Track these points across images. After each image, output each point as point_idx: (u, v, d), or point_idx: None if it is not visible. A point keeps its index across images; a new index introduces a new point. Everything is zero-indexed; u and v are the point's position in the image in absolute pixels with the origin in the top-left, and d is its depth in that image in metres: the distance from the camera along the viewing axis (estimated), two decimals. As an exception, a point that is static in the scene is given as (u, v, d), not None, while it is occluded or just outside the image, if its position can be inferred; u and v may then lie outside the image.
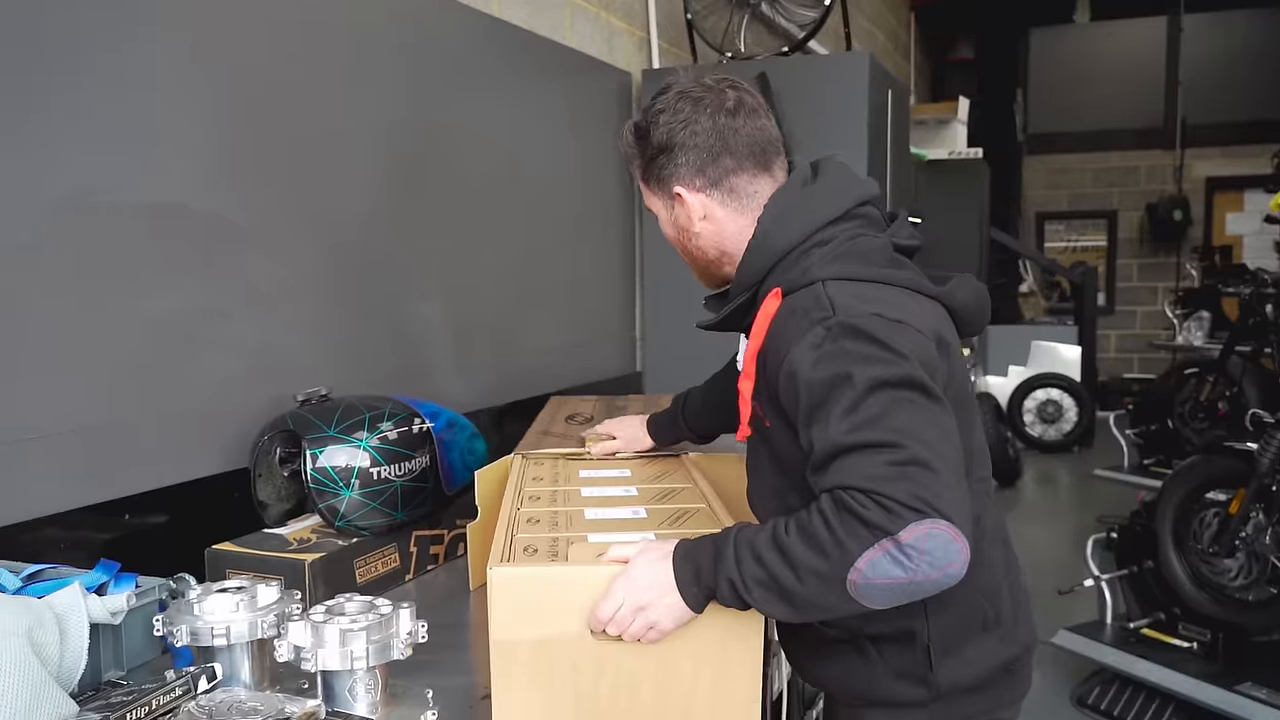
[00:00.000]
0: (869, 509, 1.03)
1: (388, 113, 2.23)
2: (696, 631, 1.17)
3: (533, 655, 1.16)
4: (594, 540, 1.28)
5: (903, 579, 1.03)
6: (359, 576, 1.68)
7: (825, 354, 1.14)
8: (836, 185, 1.31)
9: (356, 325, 2.15)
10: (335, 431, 1.69)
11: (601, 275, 3.28)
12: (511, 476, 1.68)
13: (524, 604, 1.16)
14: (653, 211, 1.42)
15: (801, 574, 1.06)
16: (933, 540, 1.01)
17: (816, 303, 1.19)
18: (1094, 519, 5.63)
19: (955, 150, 6.94)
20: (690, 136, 1.30)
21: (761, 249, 1.28)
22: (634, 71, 3.43)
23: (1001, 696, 1.34)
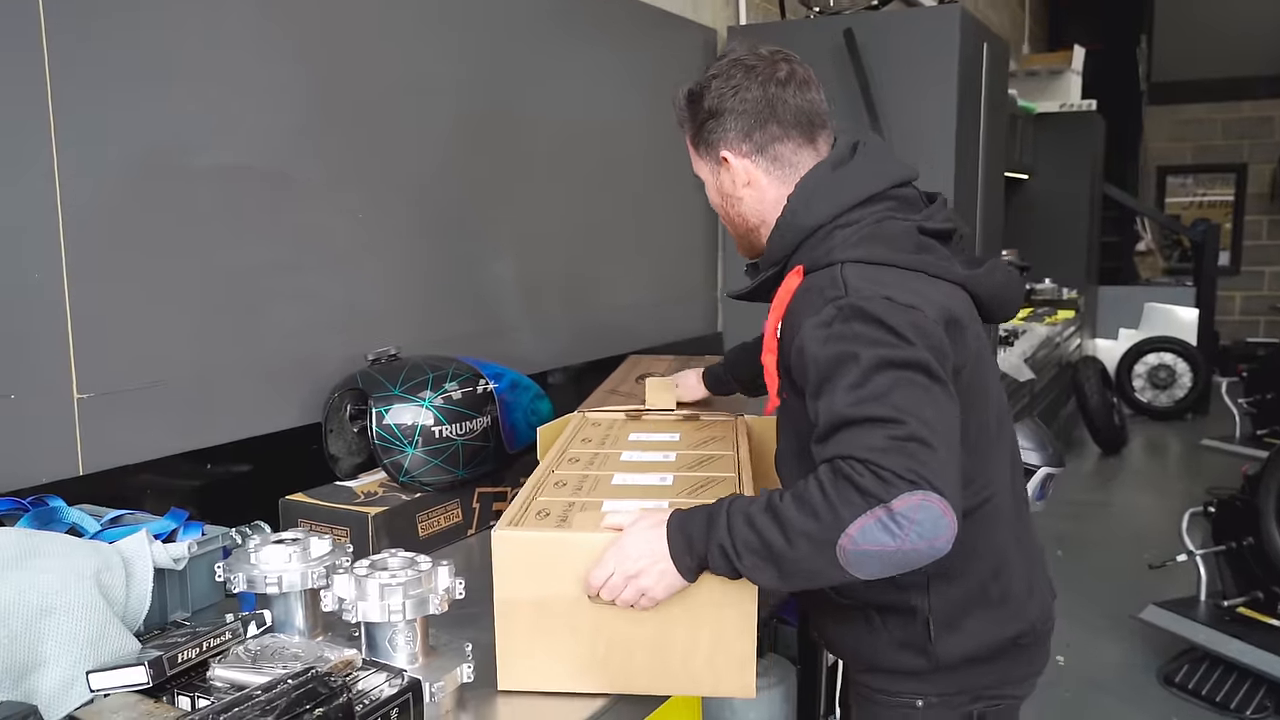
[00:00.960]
0: (864, 477, 1.06)
1: (464, 69, 2.27)
2: (692, 597, 1.20)
3: (533, 616, 1.20)
4: (607, 507, 1.31)
5: (891, 547, 1.05)
6: (421, 530, 1.75)
7: (834, 333, 1.17)
8: (869, 168, 1.34)
9: (432, 283, 2.22)
10: (400, 391, 1.76)
11: (683, 234, 3.28)
12: (562, 436, 1.73)
13: (524, 566, 1.20)
14: (700, 177, 1.46)
15: (792, 537, 1.09)
16: (924, 511, 1.05)
17: (832, 283, 1.23)
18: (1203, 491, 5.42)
19: (1067, 103, 6.64)
20: (740, 102, 1.34)
21: (789, 227, 1.32)
22: (719, 27, 3.39)
23: (1010, 672, 1.36)
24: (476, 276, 2.37)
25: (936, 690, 1.34)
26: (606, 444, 1.69)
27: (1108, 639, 3.55)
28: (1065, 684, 3.22)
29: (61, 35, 1.47)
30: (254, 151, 1.78)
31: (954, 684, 1.34)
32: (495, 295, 2.44)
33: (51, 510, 1.31)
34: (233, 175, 1.75)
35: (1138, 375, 7.18)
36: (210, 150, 1.71)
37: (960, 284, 1.30)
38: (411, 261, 2.16)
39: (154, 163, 1.62)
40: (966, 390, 1.23)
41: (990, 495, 1.32)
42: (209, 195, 1.71)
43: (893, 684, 1.37)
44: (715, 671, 1.22)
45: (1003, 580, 1.33)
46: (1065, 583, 2.91)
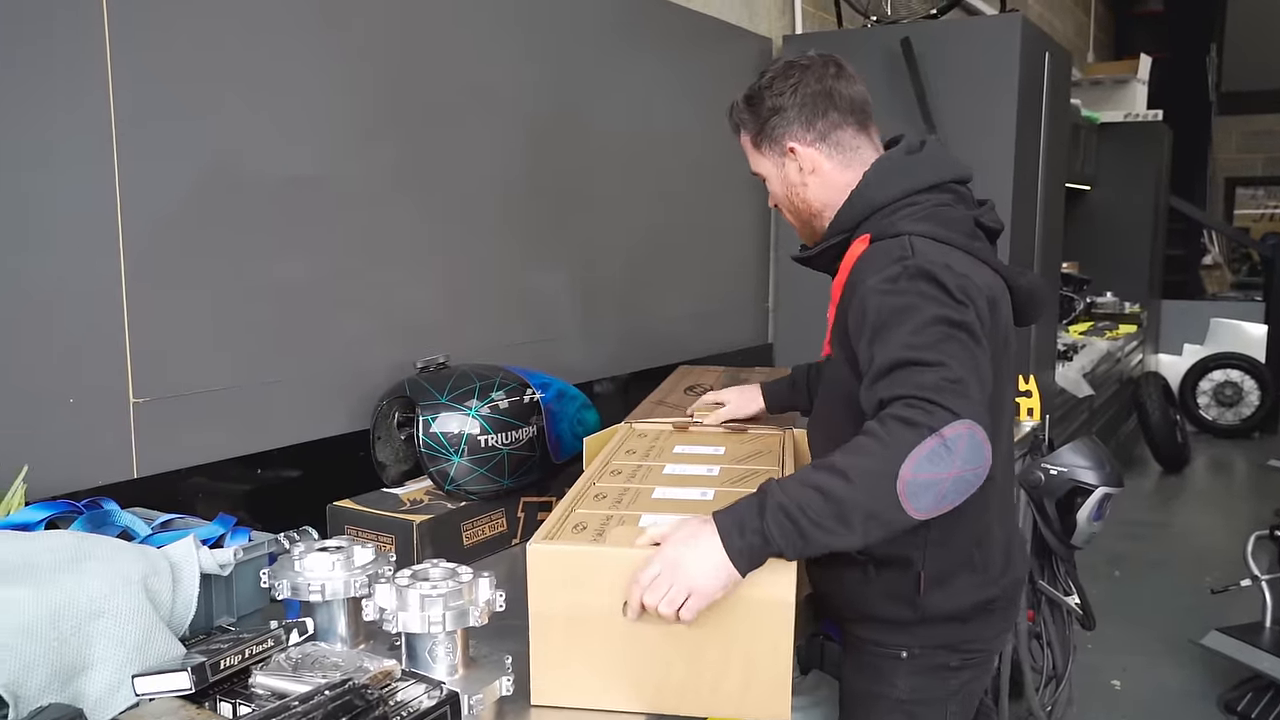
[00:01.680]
0: (916, 410, 1.16)
1: (526, 76, 2.28)
2: (725, 616, 1.18)
3: (567, 630, 1.19)
4: (645, 521, 1.30)
5: (944, 474, 1.14)
6: (466, 539, 1.76)
7: (899, 288, 1.30)
8: (935, 160, 1.48)
9: (484, 291, 2.23)
10: (447, 399, 1.77)
11: (735, 245, 3.26)
12: (607, 447, 1.72)
13: (559, 580, 1.19)
14: (760, 176, 1.58)
15: (853, 477, 1.15)
16: (969, 440, 1.15)
17: (899, 247, 1.37)
18: (1271, 513, 5.24)
19: (1132, 113, 6.48)
20: (800, 96, 1.49)
21: (861, 198, 1.46)
22: (774, 37, 3.37)
23: (982, 631, 1.49)
24: (528, 284, 2.37)
25: (920, 642, 1.46)
26: (651, 456, 1.68)
27: (1166, 664, 3.45)
28: (1122, 709, 3.13)
29: (124, 41, 1.50)
30: (311, 159, 1.81)
31: (936, 637, 1.46)
32: (547, 303, 2.44)
33: (105, 513, 1.33)
34: (289, 183, 1.77)
35: (1203, 392, 6.99)
36: (269, 158, 1.74)
37: (1002, 275, 1.44)
38: (464, 269, 2.17)
39: (212, 170, 1.65)
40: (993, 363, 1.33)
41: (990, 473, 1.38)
42: (267, 203, 1.74)
43: (881, 635, 1.48)
44: (748, 694, 1.21)
45: (984, 549, 1.46)
46: (1122, 605, 2.85)
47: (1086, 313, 6.04)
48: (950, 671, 1.48)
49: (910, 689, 1.47)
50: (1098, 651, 3.37)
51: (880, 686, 1.49)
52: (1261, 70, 8.74)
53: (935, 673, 1.47)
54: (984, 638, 1.50)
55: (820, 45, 3.30)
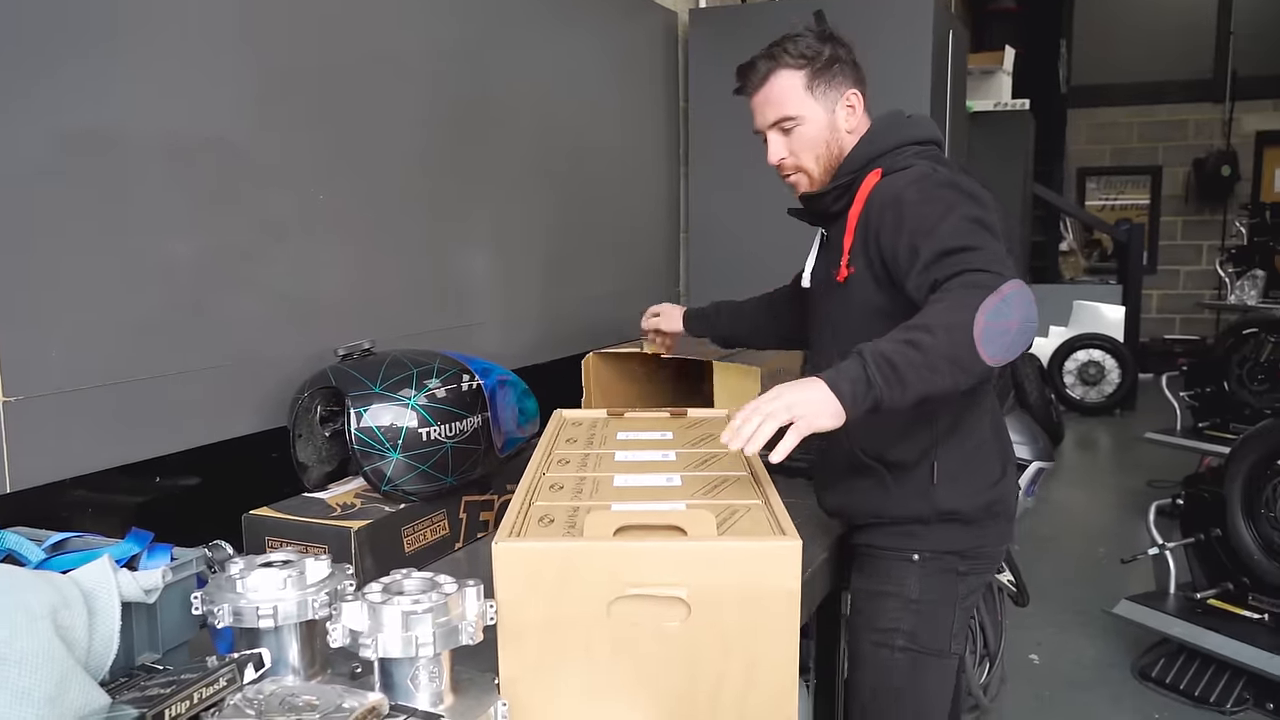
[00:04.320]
0: (980, 275, 1.31)
1: (430, 47, 2.07)
2: (725, 619, 1.06)
3: (543, 640, 1.05)
4: (617, 509, 1.17)
5: (1010, 323, 1.29)
6: (406, 545, 1.55)
7: (929, 194, 1.46)
8: (922, 124, 1.64)
9: (400, 274, 2.01)
10: (381, 389, 1.56)
11: (646, 228, 3.12)
12: (543, 437, 1.62)
13: (531, 581, 1.06)
14: (795, 121, 1.61)
15: (936, 329, 1.29)
16: (1022, 295, 1.31)
17: (919, 170, 1.52)
18: (1144, 484, 5.47)
19: (1001, 101, 6.69)
20: (852, 56, 1.64)
21: (871, 142, 1.60)
22: (680, 11, 3.25)
23: (985, 536, 1.60)
24: (446, 266, 2.17)
25: (930, 546, 1.58)
26: (594, 444, 1.58)
27: (1078, 636, 3.50)
28: (1043, 683, 3.15)
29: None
30: (203, 124, 1.56)
31: (946, 541, 1.58)
32: (465, 286, 2.24)
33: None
34: (179, 151, 1.52)
35: (1069, 371, 7.28)
36: (152, 122, 1.48)
37: None
38: (379, 249, 1.95)
39: (84, 135, 1.38)
40: None
41: (981, 398, 1.60)
42: (151, 173, 1.48)
43: (895, 540, 1.60)
44: (749, 705, 1.07)
45: (984, 455, 1.61)
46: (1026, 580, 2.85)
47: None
48: (958, 576, 1.59)
49: (921, 590, 1.59)
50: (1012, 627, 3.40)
51: (892, 586, 1.60)
52: (1106, 66, 9.23)
53: (944, 576, 1.59)
54: (988, 542, 1.61)
55: (727, 19, 3.20)
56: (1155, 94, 9.17)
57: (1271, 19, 8.74)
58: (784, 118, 1.62)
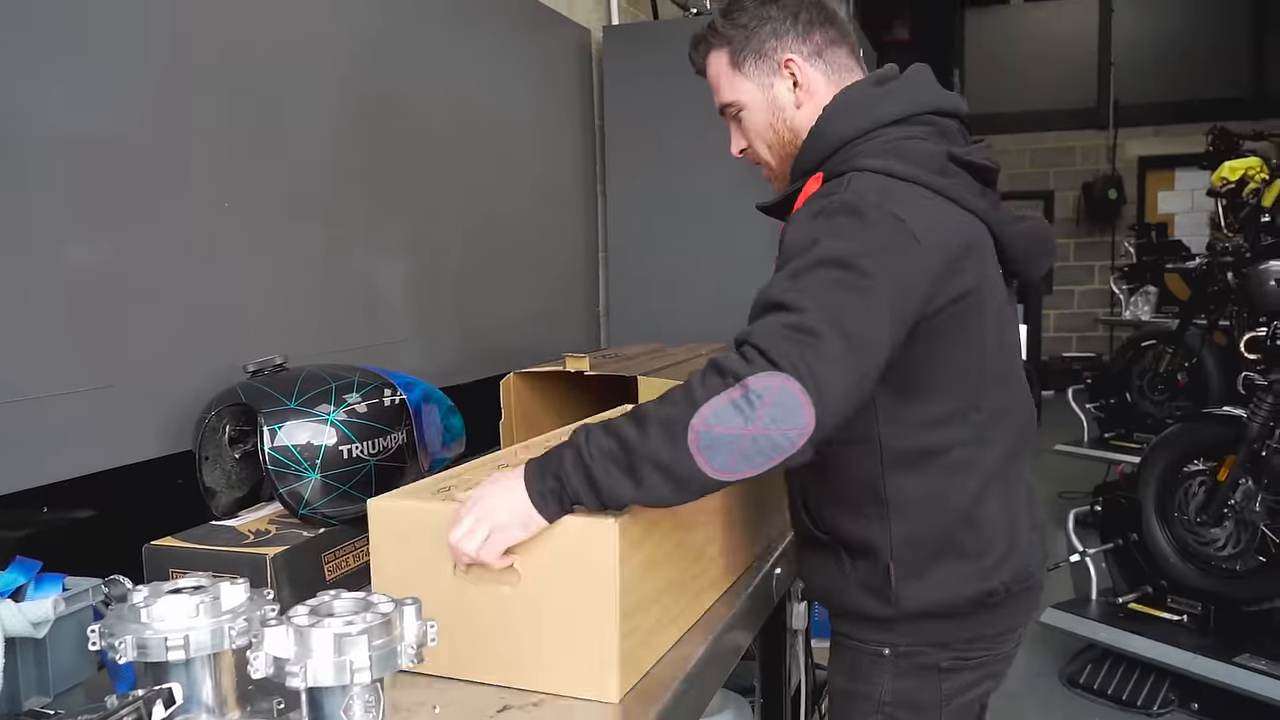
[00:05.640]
0: (736, 359, 1.03)
1: (343, 55, 1.98)
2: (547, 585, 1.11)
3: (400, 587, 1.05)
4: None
5: (742, 429, 0.99)
6: (328, 572, 1.44)
7: (813, 225, 1.15)
8: (909, 90, 1.29)
9: (314, 288, 1.90)
10: (296, 404, 1.45)
11: (565, 246, 3.05)
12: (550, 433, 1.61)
13: (394, 538, 1.18)
14: (735, 107, 1.36)
15: (647, 426, 1.04)
16: (781, 395, 1.00)
17: (837, 184, 1.20)
18: (1056, 495, 5.60)
19: (902, 127, 6.84)
20: (793, 5, 1.31)
21: (819, 137, 1.28)
22: (593, 28, 3.21)
23: (982, 628, 1.30)
24: (364, 282, 2.06)
25: (904, 640, 1.30)
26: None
27: (1004, 646, 3.52)
28: (974, 695, 3.15)
29: None
30: (97, 123, 1.44)
31: (920, 635, 1.29)
32: (384, 303, 2.13)
33: None
34: (69, 151, 1.39)
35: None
36: (39, 118, 1.35)
37: (982, 218, 1.25)
38: (293, 262, 1.84)
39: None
40: (952, 326, 1.20)
41: (964, 441, 1.25)
42: (37, 174, 1.35)
43: (861, 630, 1.33)
44: (573, 669, 1.11)
45: (977, 531, 1.27)
46: None
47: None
48: (941, 674, 1.30)
49: (893, 691, 1.30)
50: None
51: (862, 685, 1.33)
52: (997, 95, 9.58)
53: (922, 674, 1.30)
54: (985, 636, 1.31)
55: (642, 36, 3.17)
56: (1044, 121, 9.55)
57: (1148, 50, 9.20)
58: (723, 105, 1.37)
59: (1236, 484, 3.04)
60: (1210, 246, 4.65)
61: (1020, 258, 1.33)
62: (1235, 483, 3.04)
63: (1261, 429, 2.97)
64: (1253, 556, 3.05)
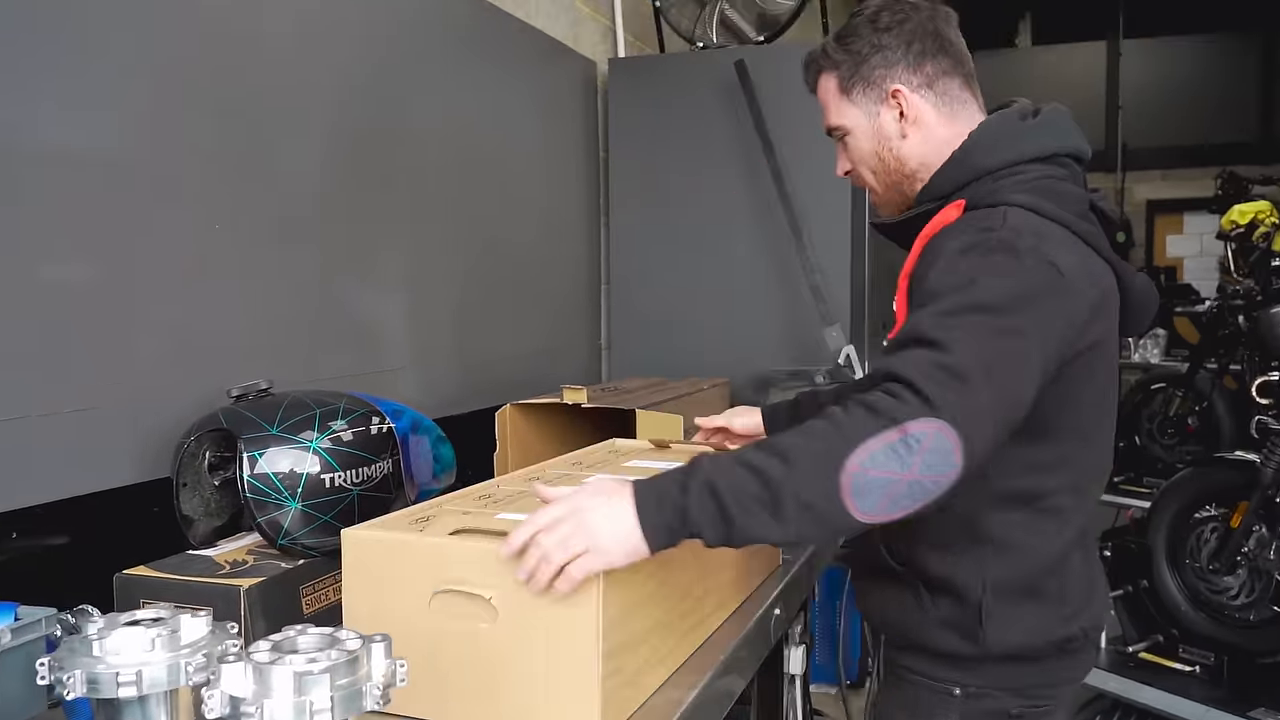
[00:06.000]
0: (888, 398, 1.00)
1: (343, 80, 1.96)
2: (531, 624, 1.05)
3: (373, 624, 1.03)
4: (501, 516, 1.17)
5: (898, 475, 0.97)
6: (306, 606, 1.38)
7: (968, 261, 1.11)
8: (1055, 126, 1.29)
9: (305, 313, 1.87)
10: (279, 431, 1.40)
11: (567, 278, 3.02)
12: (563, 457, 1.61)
13: (369, 570, 1.13)
14: (840, 131, 1.36)
15: (794, 462, 0.99)
16: (937, 441, 0.98)
17: (989, 217, 1.17)
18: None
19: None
20: (910, 33, 1.29)
21: (961, 164, 1.26)
22: (599, 60, 3.20)
23: (1057, 673, 1.29)
24: (358, 309, 2.03)
25: (978, 681, 1.27)
26: (584, 464, 1.53)
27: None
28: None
29: None
30: (88, 141, 1.42)
31: (998, 678, 1.26)
32: (379, 331, 2.10)
33: None
34: (57, 168, 1.37)
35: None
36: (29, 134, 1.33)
37: (1115, 269, 1.25)
38: (285, 287, 1.81)
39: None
40: (1079, 374, 1.19)
41: (1065, 488, 1.25)
42: (23, 191, 1.33)
43: (933, 668, 1.29)
44: (552, 711, 1.06)
45: (1061, 578, 1.26)
46: None
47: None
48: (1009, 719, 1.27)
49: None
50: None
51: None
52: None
53: (991, 718, 1.27)
54: (1058, 680, 1.30)
55: (648, 69, 3.16)
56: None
57: (1156, 95, 9.21)
58: (829, 128, 1.36)
59: (1250, 531, 2.97)
60: (1220, 290, 4.59)
61: (1135, 311, 1.31)
62: (1249, 529, 2.97)
63: (1276, 474, 2.91)
64: (1267, 606, 2.97)
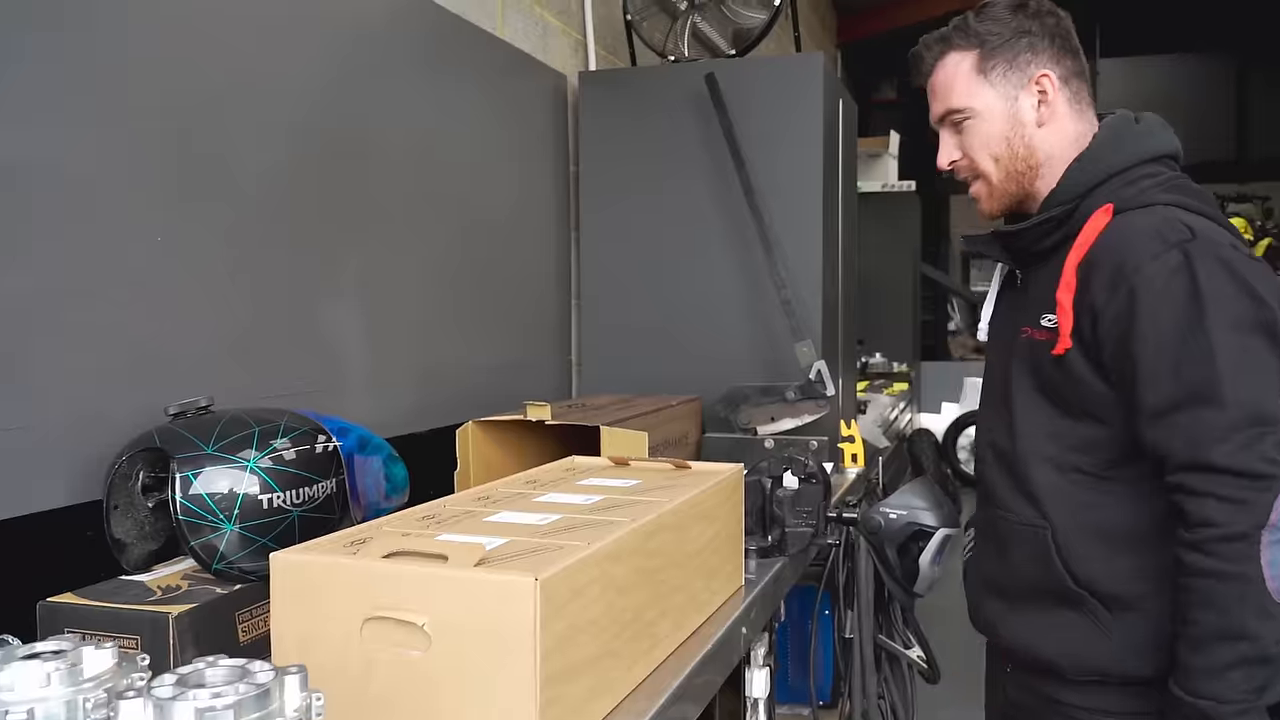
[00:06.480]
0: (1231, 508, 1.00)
1: (298, 86, 1.91)
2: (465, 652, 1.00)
3: (303, 652, 1.04)
4: (442, 539, 1.11)
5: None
6: (242, 634, 1.33)
7: (1182, 284, 1.08)
8: (1162, 130, 1.29)
9: (253, 327, 1.81)
10: (215, 450, 1.35)
11: (535, 293, 2.98)
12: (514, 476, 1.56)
13: (295, 593, 1.08)
14: (964, 114, 1.33)
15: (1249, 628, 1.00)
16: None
17: (1168, 224, 1.14)
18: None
19: (888, 183, 6.86)
20: (1050, 27, 1.31)
21: (1094, 161, 1.25)
22: (569, 74, 3.17)
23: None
24: (309, 322, 1.97)
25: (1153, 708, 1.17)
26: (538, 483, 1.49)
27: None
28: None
29: None
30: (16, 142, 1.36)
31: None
32: (330, 346, 2.04)
33: None
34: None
35: (961, 447, 7.36)
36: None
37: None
38: (228, 300, 1.75)
39: None
40: None
41: None
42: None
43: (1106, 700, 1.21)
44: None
45: None
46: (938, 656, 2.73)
47: (862, 372, 6.21)
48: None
49: None
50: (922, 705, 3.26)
51: None
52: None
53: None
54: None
55: (619, 82, 3.13)
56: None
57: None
58: (950, 110, 1.33)
59: None
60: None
61: None
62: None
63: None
64: None
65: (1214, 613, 1.02)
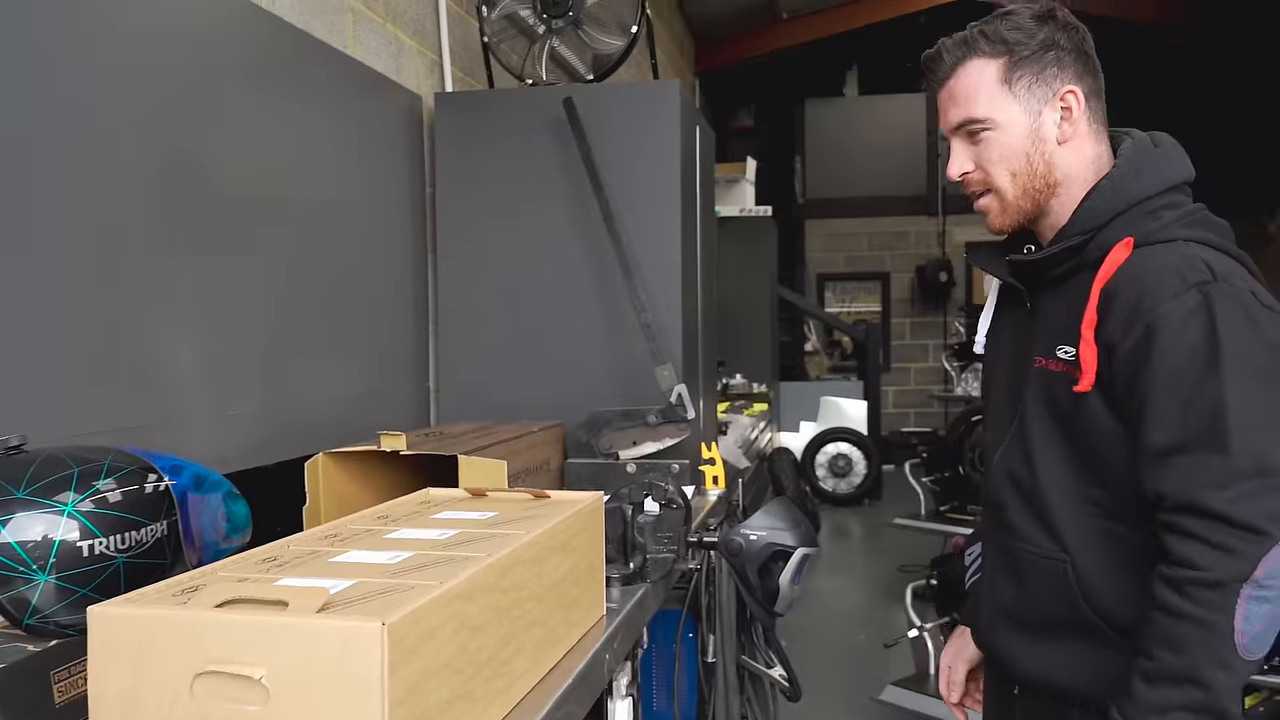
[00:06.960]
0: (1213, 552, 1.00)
1: (135, 102, 1.80)
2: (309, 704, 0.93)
3: (126, 710, 0.96)
4: (282, 584, 1.05)
5: (1273, 610, 1.00)
6: (58, 695, 1.21)
7: (1199, 326, 1.08)
8: (1178, 151, 1.27)
9: (69, 359, 1.68)
10: (26, 494, 1.23)
11: (390, 318, 2.89)
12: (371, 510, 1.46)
13: (115, 648, 0.99)
14: (983, 124, 1.27)
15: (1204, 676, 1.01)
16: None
17: (1188, 263, 1.13)
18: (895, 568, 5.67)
19: (745, 208, 7.02)
20: (1076, 42, 1.26)
21: (1115, 190, 1.22)
22: (425, 94, 3.11)
23: None
24: (139, 353, 1.85)
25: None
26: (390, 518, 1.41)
27: (848, 728, 3.46)
28: (818, 782, 3.06)
29: None
30: None
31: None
32: (164, 378, 1.92)
33: None
34: None
35: (820, 465, 7.57)
36: None
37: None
38: (45, 329, 1.62)
39: None
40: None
41: None
42: None
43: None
44: None
45: None
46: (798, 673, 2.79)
47: (723, 393, 6.30)
48: None
49: None
50: (784, 725, 3.31)
51: None
52: (836, 181, 10.01)
53: None
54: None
55: (476, 105, 3.09)
56: (880, 207, 10.04)
57: (971, 143, 9.82)
58: (969, 120, 1.26)
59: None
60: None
61: None
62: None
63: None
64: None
65: (1172, 653, 1.03)
